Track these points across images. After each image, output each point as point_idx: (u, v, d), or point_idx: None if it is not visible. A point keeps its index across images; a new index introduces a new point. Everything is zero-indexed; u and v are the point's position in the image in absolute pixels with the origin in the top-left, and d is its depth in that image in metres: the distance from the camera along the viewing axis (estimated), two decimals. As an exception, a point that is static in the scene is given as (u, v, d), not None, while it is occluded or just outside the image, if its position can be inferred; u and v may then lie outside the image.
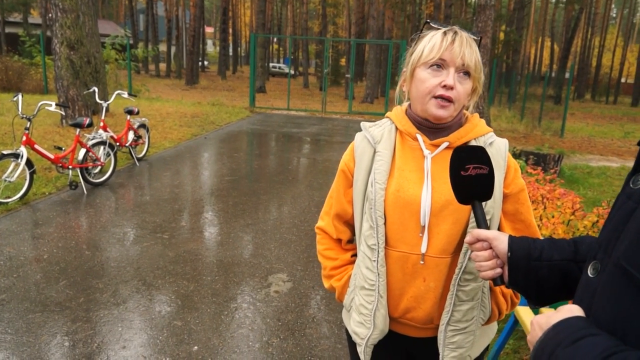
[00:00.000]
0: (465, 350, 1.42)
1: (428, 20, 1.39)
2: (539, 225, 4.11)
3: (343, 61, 38.35)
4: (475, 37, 1.36)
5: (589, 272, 0.80)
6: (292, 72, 47.20)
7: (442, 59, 1.30)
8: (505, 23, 28.99)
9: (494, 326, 1.60)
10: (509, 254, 1.05)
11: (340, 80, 35.84)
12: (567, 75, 23.35)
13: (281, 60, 61.66)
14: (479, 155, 1.15)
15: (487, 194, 1.17)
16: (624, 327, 0.69)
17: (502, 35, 28.55)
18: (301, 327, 3.33)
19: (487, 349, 1.56)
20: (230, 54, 49.87)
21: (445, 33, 1.31)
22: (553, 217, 4.27)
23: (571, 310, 0.77)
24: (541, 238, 1.14)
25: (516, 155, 8.49)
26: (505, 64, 29.45)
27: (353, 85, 19.22)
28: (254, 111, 16.67)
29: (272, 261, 4.36)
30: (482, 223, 1.15)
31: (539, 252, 1.03)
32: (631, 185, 0.76)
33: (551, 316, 0.77)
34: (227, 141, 10.62)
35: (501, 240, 1.07)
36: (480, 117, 1.46)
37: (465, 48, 1.29)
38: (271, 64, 47.46)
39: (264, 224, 5.31)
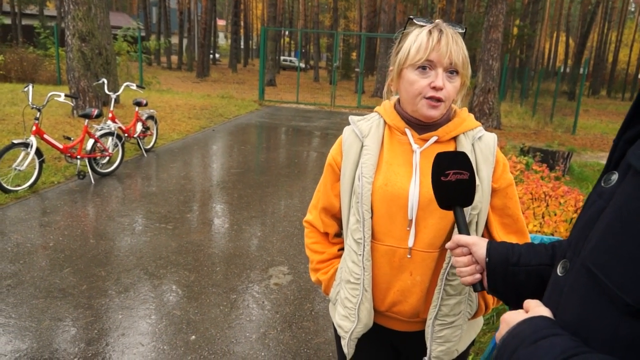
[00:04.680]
0: (452, 344, 1.42)
1: (411, 17, 1.36)
2: (540, 223, 4.08)
3: (354, 55, 38.20)
4: (461, 30, 1.33)
5: (558, 271, 0.79)
6: (303, 65, 47.08)
7: (429, 60, 1.27)
8: (519, 17, 28.67)
9: (480, 321, 1.59)
10: (487, 259, 1.05)
11: (351, 74, 35.72)
12: (581, 70, 23.05)
13: (292, 54, 61.55)
14: (460, 161, 1.14)
15: (468, 199, 1.16)
16: (588, 329, 0.68)
17: (515, 30, 28.24)
18: (299, 319, 3.36)
19: (473, 343, 1.56)
20: (242, 47, 49.87)
21: (430, 32, 1.28)
22: (555, 214, 4.24)
23: (538, 310, 0.77)
24: (529, 234, 1.12)
25: (524, 151, 8.43)
26: (518, 59, 29.15)
27: (363, 79, 19.14)
28: (262, 104, 16.69)
29: (273, 254, 4.40)
30: (462, 229, 1.15)
31: (516, 258, 1.03)
32: (602, 184, 0.74)
33: (518, 314, 0.78)
34: (235, 134, 10.66)
35: (480, 246, 1.08)
36: (490, 113, 1.45)
37: (452, 46, 1.26)
38: (282, 57, 47.38)
39: (267, 217, 5.35)
